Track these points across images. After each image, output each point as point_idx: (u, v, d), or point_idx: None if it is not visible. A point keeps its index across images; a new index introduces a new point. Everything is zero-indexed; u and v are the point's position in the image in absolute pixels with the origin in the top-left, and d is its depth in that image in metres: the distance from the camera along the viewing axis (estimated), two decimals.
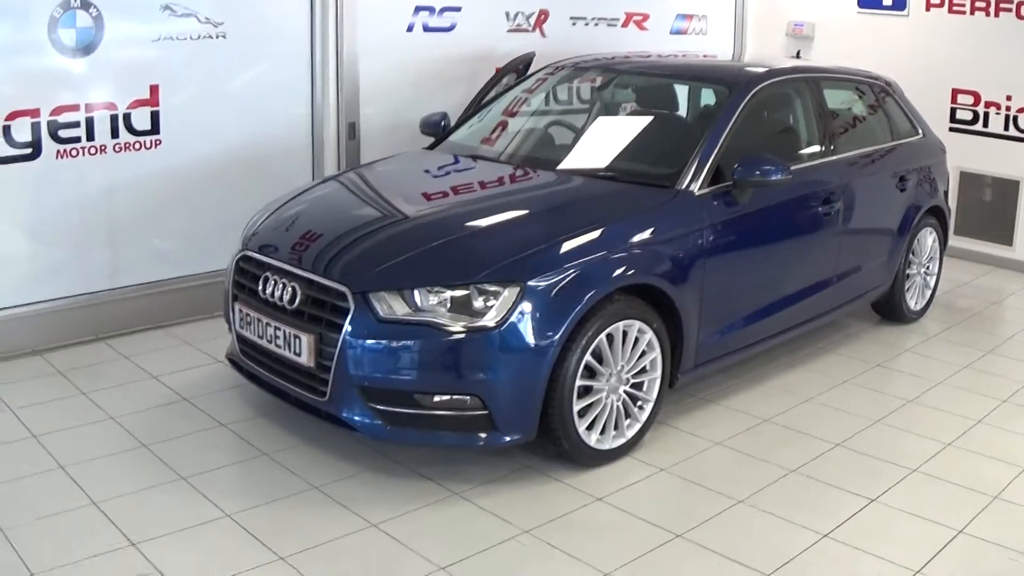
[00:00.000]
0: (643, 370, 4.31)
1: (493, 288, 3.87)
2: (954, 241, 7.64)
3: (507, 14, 6.95)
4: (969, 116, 7.50)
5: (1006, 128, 7.33)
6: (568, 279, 3.97)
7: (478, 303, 3.87)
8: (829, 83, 5.67)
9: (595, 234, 4.17)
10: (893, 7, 7.66)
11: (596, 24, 7.48)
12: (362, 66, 6.21)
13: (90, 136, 5.28)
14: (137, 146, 5.45)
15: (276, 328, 4.15)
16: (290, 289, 4.14)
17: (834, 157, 5.39)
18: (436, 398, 3.89)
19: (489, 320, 3.84)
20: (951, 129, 7.50)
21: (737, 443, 4.52)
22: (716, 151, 4.63)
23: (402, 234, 4.25)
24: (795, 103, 5.42)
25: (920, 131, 6.28)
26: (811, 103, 5.38)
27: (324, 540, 3.64)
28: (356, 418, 3.95)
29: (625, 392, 4.25)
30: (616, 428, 4.25)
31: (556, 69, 5.71)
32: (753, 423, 4.74)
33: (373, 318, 3.87)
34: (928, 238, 6.22)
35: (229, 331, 4.60)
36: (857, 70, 6.09)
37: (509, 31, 6.97)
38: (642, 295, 4.25)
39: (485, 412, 3.88)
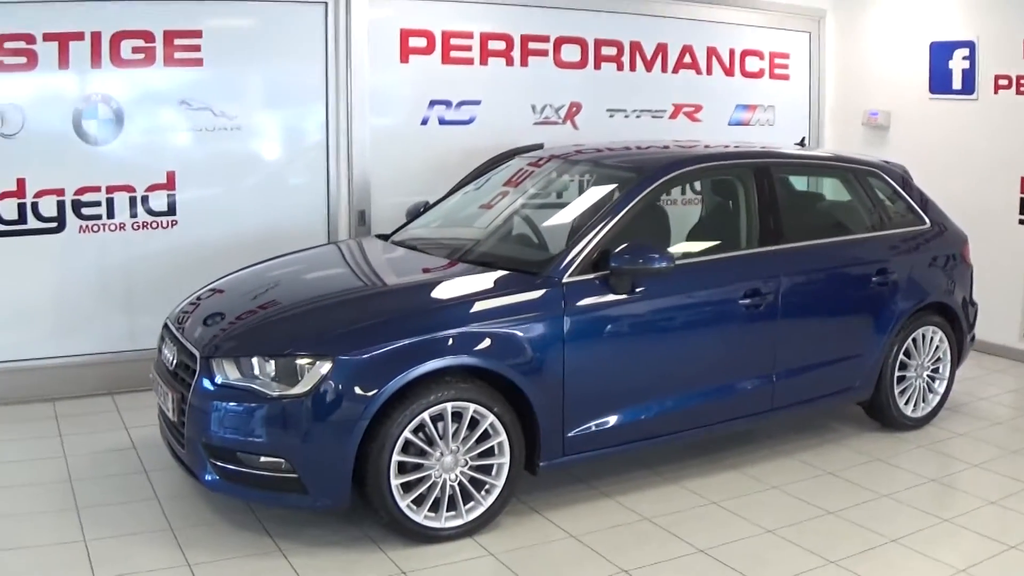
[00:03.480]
0: (492, 453, 4.36)
1: (307, 360, 4.11)
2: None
3: (533, 107, 7.18)
4: None
5: None
6: (382, 357, 4.13)
7: (298, 374, 4.11)
8: (788, 169, 5.44)
9: (425, 317, 4.32)
10: (962, 91, 7.13)
11: (638, 116, 7.53)
12: (373, 158, 6.68)
13: (110, 214, 6.06)
14: (154, 225, 6.18)
15: (161, 387, 4.61)
16: (173, 352, 4.60)
17: (775, 247, 5.13)
18: (261, 459, 4.15)
19: (299, 389, 4.07)
20: (1021, 222, 6.84)
21: (594, 538, 4.39)
22: (597, 239, 4.61)
23: (263, 309, 4.56)
24: (734, 190, 5.27)
25: (928, 221, 5.83)
26: (753, 191, 5.19)
27: (139, 571, 3.99)
28: (199, 471, 4.29)
29: (467, 473, 4.31)
30: (454, 508, 4.31)
31: (537, 161, 5.83)
32: (631, 520, 4.59)
33: (211, 381, 4.22)
34: (932, 338, 5.72)
35: None
36: (843, 156, 5.80)
37: (536, 124, 7.18)
38: (488, 378, 4.32)
39: (295, 476, 4.11)
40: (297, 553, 4.19)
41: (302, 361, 4.11)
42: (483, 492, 4.36)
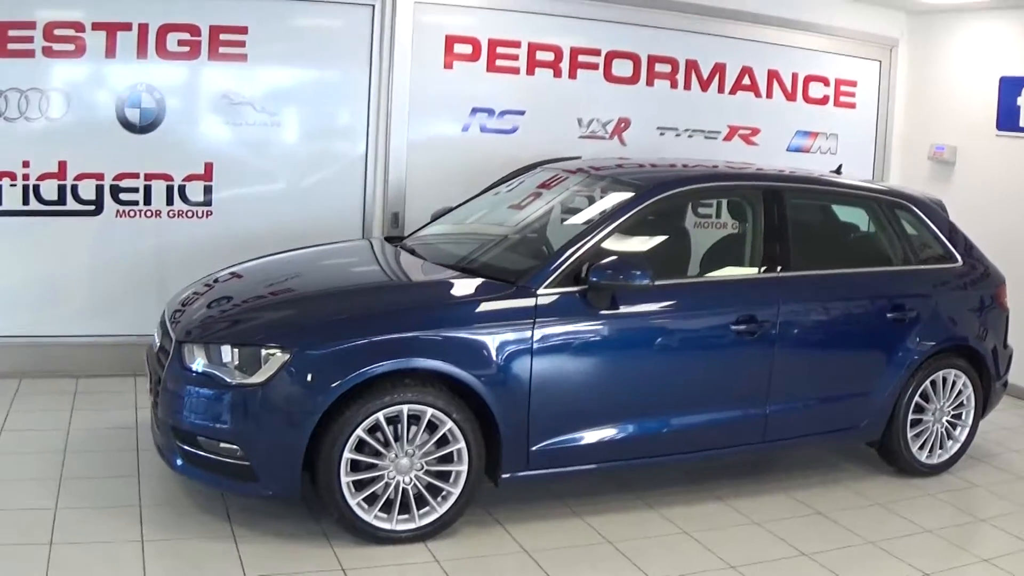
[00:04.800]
0: (451, 459, 4.31)
1: (268, 351, 4.15)
2: None
3: (579, 120, 7.10)
4: None
5: None
6: (338, 354, 4.15)
7: (259, 363, 4.15)
8: (803, 195, 5.24)
9: (387, 318, 4.31)
10: None
11: (690, 136, 7.37)
12: (411, 162, 6.71)
13: (147, 201, 6.25)
14: (189, 214, 6.36)
15: (149, 369, 4.74)
16: (159, 335, 4.73)
17: (776, 274, 4.94)
18: (221, 445, 4.20)
19: (257, 378, 4.12)
20: None
21: (546, 556, 4.29)
22: (579, 252, 4.51)
23: (244, 300, 4.61)
24: (744, 213, 5.08)
25: (960, 259, 5.50)
26: (761, 215, 5.00)
27: (94, 541, 4.11)
28: (170, 455, 4.37)
29: (423, 478, 4.27)
30: (408, 512, 4.28)
31: (564, 173, 5.74)
32: (592, 542, 4.47)
33: (181, 366, 4.32)
34: (954, 382, 5.39)
35: None
36: (869, 186, 5.53)
37: (582, 137, 7.09)
38: (450, 384, 4.27)
39: (247, 463, 4.15)
40: (248, 540, 4.24)
41: (264, 351, 4.16)
42: (439, 498, 4.31)
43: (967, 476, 5.51)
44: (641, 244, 4.79)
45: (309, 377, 4.11)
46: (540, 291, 4.44)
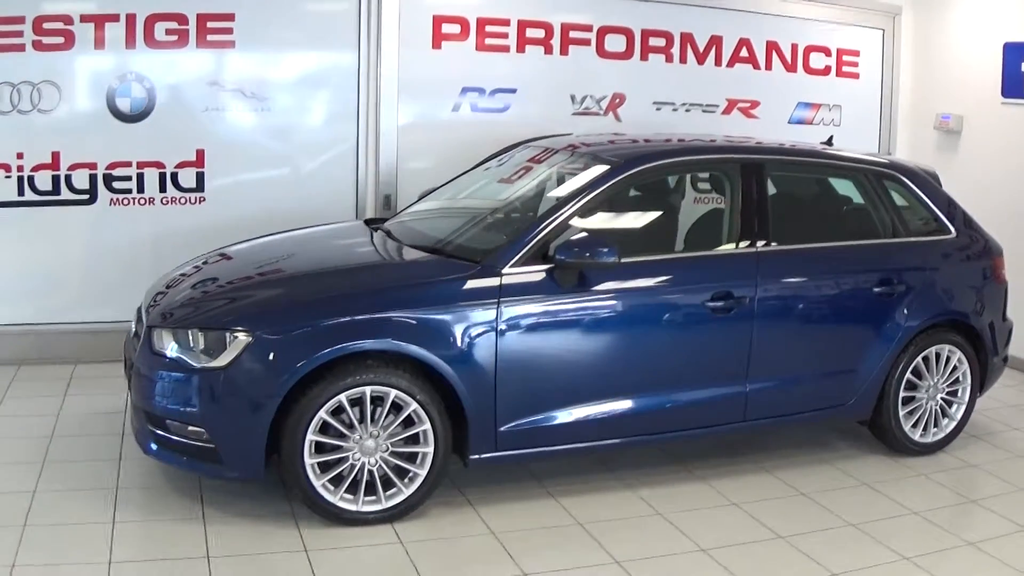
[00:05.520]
0: (418, 441, 4.29)
1: (231, 335, 4.16)
2: None
3: (572, 97, 7.01)
4: None
5: None
6: (298, 337, 4.15)
7: (223, 347, 4.17)
8: (785, 167, 5.11)
9: (349, 300, 4.29)
10: None
11: (688, 110, 7.24)
12: (403, 144, 6.69)
13: (140, 189, 6.31)
14: (183, 201, 6.40)
15: (125, 355, 4.77)
16: (135, 321, 4.76)
17: (754, 248, 4.82)
18: (189, 428, 4.21)
19: (220, 362, 4.13)
20: None
21: (512, 537, 4.26)
22: (544, 231, 4.45)
23: (216, 286, 4.62)
24: (722, 187, 4.97)
25: (953, 231, 5.33)
26: (739, 188, 4.88)
27: (66, 523, 4.17)
28: (144, 440, 4.39)
29: (390, 460, 4.25)
30: (374, 493, 4.27)
31: (549, 150, 5.68)
32: (562, 523, 4.42)
33: (151, 350, 4.35)
34: (948, 357, 5.23)
35: None
36: (855, 156, 5.37)
37: (575, 114, 7.02)
38: (415, 365, 4.25)
39: (213, 446, 4.17)
40: (216, 521, 4.28)
41: (229, 335, 4.17)
42: (406, 480, 4.30)
43: (962, 455, 5.35)
44: (613, 221, 4.71)
45: (269, 360, 4.11)
46: (505, 270, 4.38)
